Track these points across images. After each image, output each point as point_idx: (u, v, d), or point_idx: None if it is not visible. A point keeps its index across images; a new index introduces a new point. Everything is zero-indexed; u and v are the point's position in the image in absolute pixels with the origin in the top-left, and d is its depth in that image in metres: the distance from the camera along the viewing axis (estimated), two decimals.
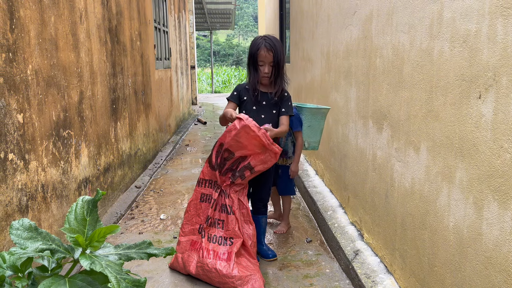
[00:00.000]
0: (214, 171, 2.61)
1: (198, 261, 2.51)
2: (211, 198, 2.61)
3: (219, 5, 13.76)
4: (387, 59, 2.30)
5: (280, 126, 2.67)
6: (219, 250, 2.49)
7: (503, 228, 1.38)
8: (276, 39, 2.69)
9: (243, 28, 45.43)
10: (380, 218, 2.46)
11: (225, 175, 2.58)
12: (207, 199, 2.63)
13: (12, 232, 1.17)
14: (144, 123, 5.02)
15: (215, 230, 2.57)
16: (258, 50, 2.63)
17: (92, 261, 1.15)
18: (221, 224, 2.56)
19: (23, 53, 2.23)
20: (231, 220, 2.53)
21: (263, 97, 2.71)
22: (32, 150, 2.30)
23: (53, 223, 2.54)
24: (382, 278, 2.31)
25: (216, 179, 2.61)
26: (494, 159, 1.42)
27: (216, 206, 2.58)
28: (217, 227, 2.56)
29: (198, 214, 2.64)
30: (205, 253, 2.50)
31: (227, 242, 2.52)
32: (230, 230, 2.52)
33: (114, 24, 3.87)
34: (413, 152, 2.00)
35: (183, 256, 2.60)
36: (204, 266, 2.47)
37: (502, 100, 1.37)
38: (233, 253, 2.46)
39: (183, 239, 2.64)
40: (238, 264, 2.47)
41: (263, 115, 2.69)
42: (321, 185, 3.92)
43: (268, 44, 2.62)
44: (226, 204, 2.55)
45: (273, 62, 2.63)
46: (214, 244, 2.52)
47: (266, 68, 2.63)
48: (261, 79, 2.67)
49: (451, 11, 1.65)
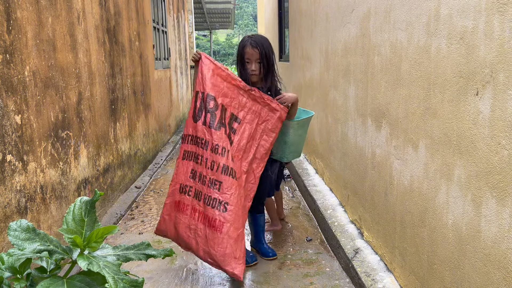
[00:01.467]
0: (195, 122, 2.44)
1: (183, 223, 2.41)
2: (195, 155, 2.43)
3: (218, 5, 13.76)
4: (385, 56, 2.30)
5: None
6: (211, 216, 2.32)
7: (501, 225, 1.38)
8: (263, 37, 2.71)
9: (243, 28, 45.41)
10: (380, 216, 2.46)
11: (219, 130, 2.39)
12: (188, 156, 2.47)
13: (10, 233, 1.18)
14: (143, 123, 5.02)
15: (210, 190, 2.35)
16: (243, 48, 2.65)
17: (89, 261, 1.15)
18: (217, 185, 2.34)
19: (21, 54, 2.23)
20: (231, 184, 2.31)
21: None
22: (30, 151, 2.30)
23: (52, 224, 2.54)
24: (382, 276, 2.30)
25: (202, 134, 2.41)
26: (492, 155, 1.42)
27: (205, 162, 2.38)
28: (213, 188, 2.35)
29: (177, 172, 2.50)
30: (196, 214, 2.38)
31: (221, 207, 2.31)
32: (227, 194, 2.31)
33: (112, 24, 3.86)
34: (412, 149, 2.00)
35: (166, 219, 2.53)
36: (193, 228, 2.39)
37: (500, 97, 1.37)
38: (227, 224, 2.29)
39: (167, 201, 2.54)
40: (229, 238, 2.31)
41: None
42: (321, 183, 3.92)
43: (254, 42, 2.63)
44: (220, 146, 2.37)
45: (260, 59, 2.64)
46: (207, 207, 2.34)
47: (253, 65, 2.64)
48: (250, 76, 2.66)
49: (448, 8, 1.65)
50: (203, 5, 13.39)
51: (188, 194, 2.44)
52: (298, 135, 2.90)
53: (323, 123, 3.91)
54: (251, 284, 2.53)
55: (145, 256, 1.32)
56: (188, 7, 10.79)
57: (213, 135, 2.38)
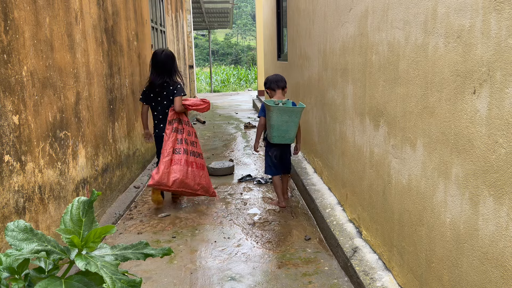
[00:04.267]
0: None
1: (180, 170, 3.59)
2: (176, 129, 3.68)
3: (216, 4, 13.74)
4: (383, 55, 2.30)
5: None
6: (199, 162, 3.76)
7: (498, 224, 1.38)
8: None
9: (242, 27, 45.37)
10: (378, 215, 2.46)
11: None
12: (172, 130, 3.66)
13: (8, 234, 1.17)
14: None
15: (192, 148, 3.73)
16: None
17: (87, 261, 1.15)
18: (195, 144, 3.79)
19: (18, 55, 2.22)
20: (197, 143, 3.82)
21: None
22: (28, 152, 2.30)
23: (50, 224, 2.54)
24: (380, 275, 2.31)
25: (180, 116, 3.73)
26: (489, 154, 1.42)
27: (183, 131, 3.70)
28: (193, 146, 3.75)
29: (167, 142, 3.62)
30: (190, 162, 3.68)
31: (200, 156, 3.82)
32: (198, 149, 3.82)
33: (110, 24, 3.86)
34: (410, 148, 2.00)
35: (165, 172, 3.55)
36: (190, 172, 3.65)
37: (497, 95, 1.37)
38: (205, 166, 3.83)
39: (165, 159, 3.57)
40: (207, 174, 3.83)
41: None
42: (320, 182, 3.92)
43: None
44: (191, 131, 3.80)
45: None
46: (193, 157, 3.73)
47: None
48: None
49: (445, 7, 1.65)
50: (201, 5, 13.38)
51: (179, 153, 3.65)
52: (283, 121, 3.54)
53: (321, 122, 3.91)
54: (250, 283, 2.53)
55: (143, 255, 1.31)
56: (187, 7, 10.79)
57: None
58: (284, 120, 3.52)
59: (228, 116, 9.91)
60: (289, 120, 3.52)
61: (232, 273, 2.67)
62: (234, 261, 2.82)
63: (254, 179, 4.67)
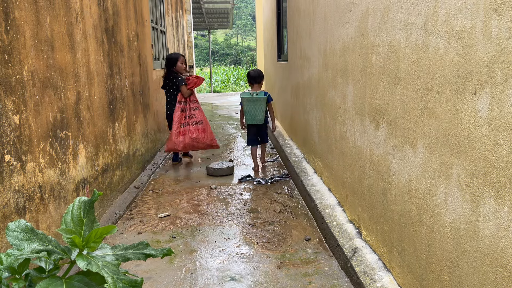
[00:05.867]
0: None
1: (189, 137, 5.14)
2: (182, 109, 5.18)
3: (216, 5, 13.75)
4: (383, 56, 2.30)
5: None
6: (201, 127, 5.21)
7: (499, 224, 1.38)
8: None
9: (242, 28, 45.38)
10: (378, 216, 2.46)
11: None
12: (179, 109, 5.18)
13: (9, 233, 1.17)
14: (142, 123, 5.02)
15: (193, 119, 5.18)
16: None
17: (88, 261, 1.15)
18: (195, 116, 5.21)
19: (19, 54, 2.22)
20: (199, 114, 5.24)
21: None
22: (29, 151, 2.30)
23: (51, 224, 2.54)
24: (380, 276, 2.31)
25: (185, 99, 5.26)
26: (489, 155, 1.42)
27: (189, 110, 5.20)
28: (194, 117, 5.20)
29: (176, 118, 5.12)
30: (192, 130, 5.16)
31: (201, 123, 5.24)
32: (199, 118, 5.24)
33: (110, 24, 3.86)
34: (410, 149, 2.00)
35: (176, 139, 5.11)
36: (197, 136, 5.18)
37: (497, 96, 1.37)
38: (207, 129, 5.28)
39: (176, 131, 5.09)
40: (210, 132, 5.31)
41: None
42: (320, 183, 3.92)
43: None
44: (194, 107, 5.27)
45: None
46: (195, 126, 5.18)
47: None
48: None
49: (446, 8, 1.65)
50: (201, 5, 13.39)
51: (186, 125, 5.14)
52: (251, 107, 4.95)
53: (321, 122, 3.92)
54: (250, 284, 2.54)
55: (144, 255, 1.32)
56: (187, 7, 10.79)
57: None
58: (252, 107, 4.95)
59: (228, 116, 9.91)
60: (256, 107, 4.93)
61: (232, 273, 2.67)
62: (234, 261, 2.82)
63: (254, 180, 4.68)
